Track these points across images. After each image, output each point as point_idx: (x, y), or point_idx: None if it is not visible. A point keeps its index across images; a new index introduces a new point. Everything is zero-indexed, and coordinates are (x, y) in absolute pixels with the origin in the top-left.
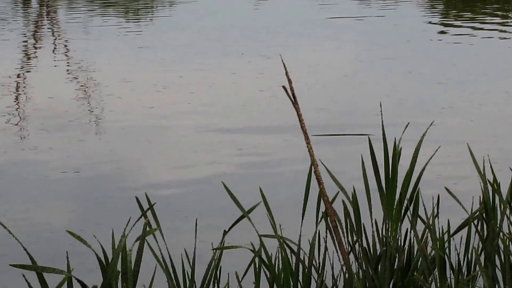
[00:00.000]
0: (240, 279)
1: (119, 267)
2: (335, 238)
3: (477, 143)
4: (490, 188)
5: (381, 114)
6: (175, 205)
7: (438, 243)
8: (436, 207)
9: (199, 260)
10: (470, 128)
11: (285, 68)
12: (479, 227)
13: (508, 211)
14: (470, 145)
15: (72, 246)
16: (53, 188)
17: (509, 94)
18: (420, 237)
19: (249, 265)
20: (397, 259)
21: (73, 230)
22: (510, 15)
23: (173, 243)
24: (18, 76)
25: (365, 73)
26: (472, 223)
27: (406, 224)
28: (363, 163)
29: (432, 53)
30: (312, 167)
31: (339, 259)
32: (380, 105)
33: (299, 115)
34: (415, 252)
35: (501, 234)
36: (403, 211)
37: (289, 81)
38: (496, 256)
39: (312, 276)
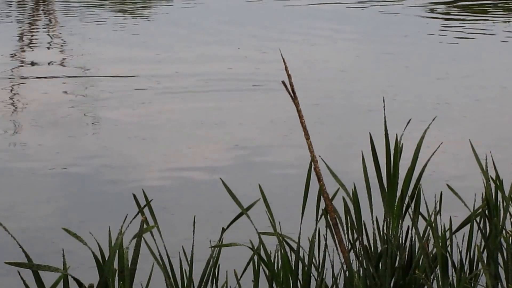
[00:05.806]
0: (238, 277)
1: (115, 265)
2: (335, 235)
3: (474, 139)
4: (492, 185)
5: (384, 109)
6: (170, 202)
7: (440, 240)
8: (438, 204)
9: (197, 258)
10: (467, 124)
11: (285, 63)
12: (481, 225)
13: (511, 208)
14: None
15: (56, 244)
16: (39, 185)
17: (507, 89)
18: (421, 235)
19: (248, 263)
20: (398, 257)
21: (58, 227)
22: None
23: (169, 241)
24: (11, 70)
25: (361, 68)
26: (474, 221)
27: (407, 221)
28: (363, 159)
29: (430, 48)
30: (312, 164)
31: (339, 257)
32: (383, 100)
33: (298, 111)
34: (416, 250)
35: (503, 231)
36: (404, 208)
37: (289, 76)
38: (499, 253)
39: (312, 274)
